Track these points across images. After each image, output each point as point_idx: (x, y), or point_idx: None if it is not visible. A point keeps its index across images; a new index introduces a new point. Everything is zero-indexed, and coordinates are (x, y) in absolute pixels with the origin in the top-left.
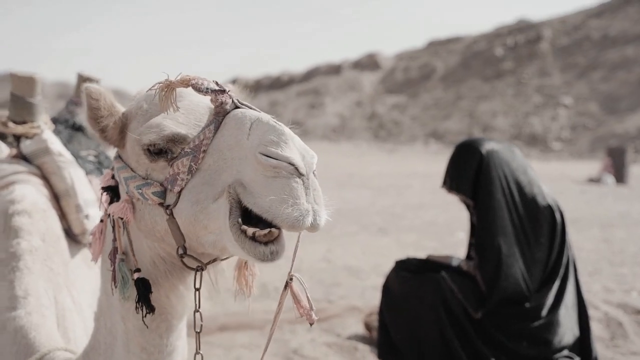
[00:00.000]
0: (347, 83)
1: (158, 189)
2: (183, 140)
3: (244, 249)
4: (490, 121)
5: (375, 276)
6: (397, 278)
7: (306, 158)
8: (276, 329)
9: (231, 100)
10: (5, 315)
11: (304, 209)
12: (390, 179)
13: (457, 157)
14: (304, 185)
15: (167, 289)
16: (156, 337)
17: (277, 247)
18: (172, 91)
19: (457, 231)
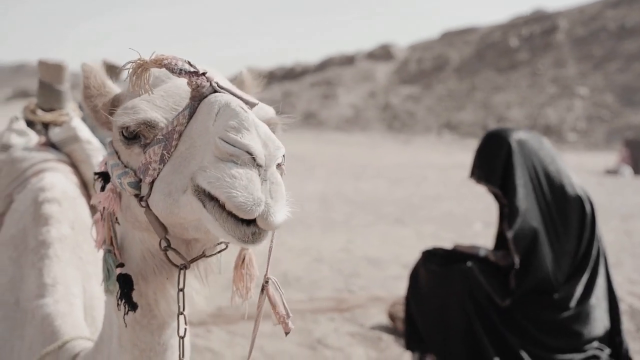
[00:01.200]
0: (361, 74)
1: (133, 179)
2: (156, 126)
3: (225, 229)
4: (504, 112)
5: (396, 266)
6: (424, 268)
7: (269, 148)
8: (297, 318)
9: (209, 84)
10: (33, 303)
11: (255, 197)
12: (405, 169)
13: (485, 148)
14: (260, 176)
15: (155, 286)
16: (147, 334)
17: (259, 228)
18: (145, 72)
19: (474, 222)
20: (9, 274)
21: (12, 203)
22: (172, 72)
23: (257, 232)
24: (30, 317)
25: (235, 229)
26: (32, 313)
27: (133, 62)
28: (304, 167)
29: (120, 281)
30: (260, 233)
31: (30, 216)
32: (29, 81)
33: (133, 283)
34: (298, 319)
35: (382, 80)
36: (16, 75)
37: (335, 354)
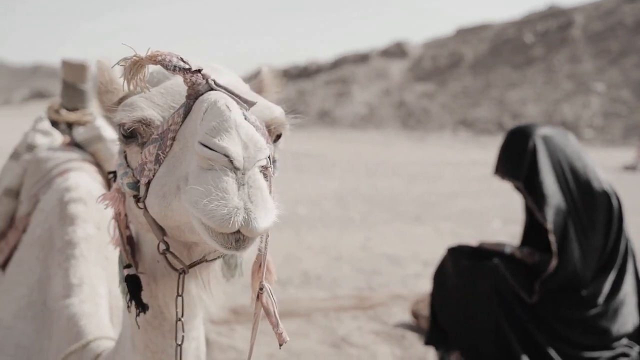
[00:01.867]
0: (375, 72)
1: (131, 179)
2: (152, 124)
3: (209, 235)
4: (520, 109)
5: (415, 264)
6: (449, 265)
7: (249, 150)
8: (320, 316)
9: (205, 81)
10: (60, 303)
11: (232, 206)
12: (420, 167)
13: (510, 144)
14: (238, 180)
15: (164, 288)
16: (159, 336)
17: (244, 235)
18: (141, 69)
19: (493, 219)
20: (37, 274)
21: (38, 203)
22: (166, 69)
23: (242, 239)
24: (56, 317)
25: (218, 235)
26: (59, 313)
27: (128, 59)
28: (319, 166)
29: (128, 282)
30: (245, 240)
31: (56, 216)
32: (45, 82)
33: (141, 284)
34: (321, 317)
35: (397, 78)
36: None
37: (360, 352)
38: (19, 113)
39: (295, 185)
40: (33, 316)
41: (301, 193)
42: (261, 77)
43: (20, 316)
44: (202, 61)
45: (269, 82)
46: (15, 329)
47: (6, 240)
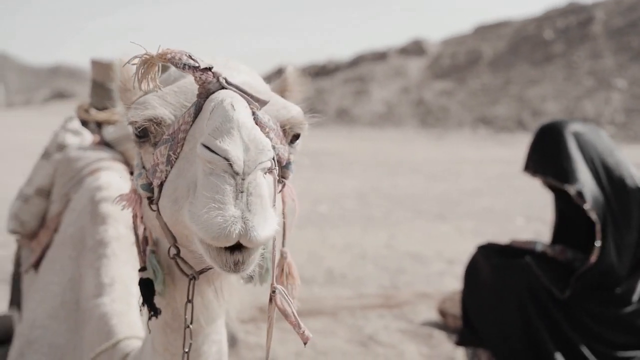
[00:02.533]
0: (393, 70)
1: (145, 180)
2: (163, 123)
3: (209, 254)
4: (540, 106)
5: (439, 262)
6: (480, 263)
7: (250, 152)
8: (347, 315)
9: (216, 80)
10: (91, 302)
11: (228, 216)
12: (441, 165)
13: (541, 140)
14: (236, 186)
15: (182, 291)
16: (178, 339)
17: (244, 256)
18: (152, 67)
19: (516, 217)
20: (69, 273)
21: (69, 202)
22: (176, 67)
23: (241, 261)
24: (88, 316)
25: (216, 255)
26: (90, 312)
27: (139, 57)
28: (339, 164)
29: (141, 286)
30: (245, 262)
31: (88, 215)
32: (65, 82)
33: (154, 288)
34: (347, 315)
35: (415, 76)
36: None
37: (387, 350)
38: (40, 113)
39: (315, 183)
40: (66, 315)
41: (322, 191)
42: (285, 76)
43: (54, 316)
44: (220, 58)
45: (292, 81)
46: (49, 329)
47: (38, 240)
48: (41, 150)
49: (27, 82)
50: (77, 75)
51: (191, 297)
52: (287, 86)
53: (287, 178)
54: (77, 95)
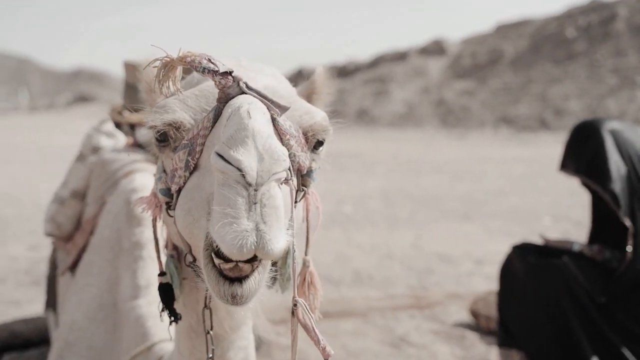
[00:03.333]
0: (414, 70)
1: (164, 185)
2: (183, 127)
3: (209, 282)
4: (562, 105)
5: (467, 263)
6: (516, 264)
7: (264, 163)
8: (377, 316)
9: (236, 84)
10: (128, 305)
11: (241, 229)
12: (463, 164)
13: (577, 138)
14: (249, 197)
15: (203, 296)
16: (203, 343)
17: (242, 290)
18: (173, 70)
19: (543, 217)
20: (106, 275)
21: (105, 205)
22: (196, 70)
23: (239, 295)
24: (125, 318)
25: (215, 285)
26: (127, 314)
27: (160, 60)
28: (361, 164)
29: (160, 291)
30: (243, 295)
31: (124, 217)
32: (87, 86)
33: (173, 293)
34: (378, 316)
35: (436, 76)
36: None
37: (420, 352)
38: (63, 117)
39: (338, 184)
40: (104, 318)
41: (345, 192)
42: (313, 78)
43: (92, 318)
44: (245, 61)
45: (320, 84)
46: (88, 331)
47: (74, 242)
48: (75, 153)
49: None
50: (98, 78)
51: (208, 303)
52: (315, 88)
53: (308, 187)
54: (99, 99)
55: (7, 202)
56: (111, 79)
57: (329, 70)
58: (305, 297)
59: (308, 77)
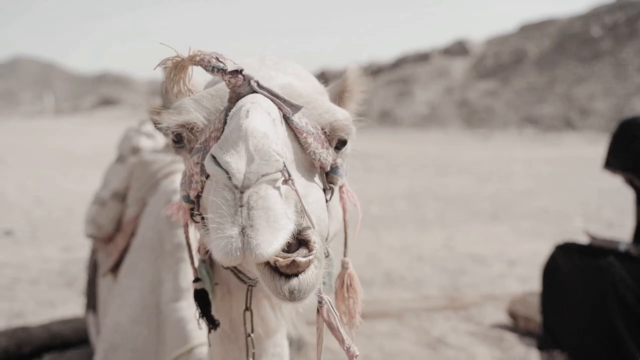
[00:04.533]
0: (437, 70)
1: (185, 192)
2: (195, 128)
3: (264, 281)
4: (588, 104)
5: (500, 264)
6: (559, 263)
7: (254, 164)
8: (412, 317)
9: (247, 83)
10: (170, 307)
11: (226, 235)
12: (489, 165)
13: (624, 136)
14: (234, 201)
15: (238, 301)
16: (235, 349)
17: (299, 283)
18: (184, 70)
19: (574, 217)
20: (149, 277)
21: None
22: (206, 70)
23: (297, 289)
24: (168, 321)
25: (270, 282)
26: (169, 316)
27: (170, 59)
28: (385, 165)
29: (196, 297)
30: (301, 290)
31: (165, 219)
32: (111, 89)
33: (209, 298)
34: (413, 317)
35: (459, 76)
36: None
37: (458, 353)
38: (89, 120)
39: (364, 184)
40: (147, 320)
41: (372, 192)
42: (345, 76)
43: (136, 320)
44: (271, 58)
45: (352, 82)
46: (132, 333)
47: (115, 244)
48: (113, 155)
49: (74, 90)
50: (122, 82)
51: (249, 304)
52: (347, 86)
53: (336, 184)
54: (123, 102)
55: (37, 205)
56: (134, 82)
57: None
58: (345, 300)
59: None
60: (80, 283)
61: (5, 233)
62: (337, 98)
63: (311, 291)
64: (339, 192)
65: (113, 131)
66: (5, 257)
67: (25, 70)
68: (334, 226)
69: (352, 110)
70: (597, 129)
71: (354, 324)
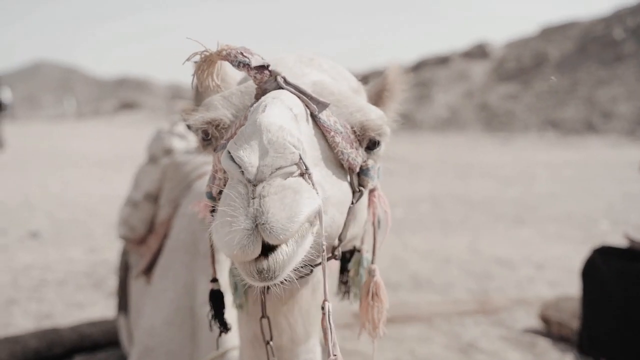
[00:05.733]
0: (457, 74)
1: (209, 188)
2: (220, 125)
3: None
4: (610, 107)
5: (527, 267)
6: (599, 268)
7: (267, 157)
8: (442, 321)
9: (274, 79)
10: (204, 309)
11: (240, 229)
12: (511, 168)
13: None
14: (247, 194)
15: (270, 306)
16: (264, 354)
17: (268, 263)
18: (212, 65)
19: (600, 221)
20: (183, 279)
21: (179, 207)
22: (232, 64)
23: (266, 269)
24: (202, 324)
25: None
26: (203, 319)
27: (198, 54)
28: (407, 168)
29: (211, 298)
30: (270, 269)
31: (199, 220)
32: (132, 94)
33: (223, 301)
34: (442, 321)
35: (479, 80)
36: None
37: (490, 358)
38: (109, 123)
39: (387, 187)
40: (182, 322)
41: (394, 195)
42: (385, 75)
43: (170, 322)
44: (307, 55)
45: (392, 80)
46: (166, 336)
47: (147, 245)
48: (145, 155)
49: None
50: (142, 86)
51: (264, 312)
52: (386, 85)
53: (366, 186)
54: (143, 105)
55: (62, 206)
56: (154, 86)
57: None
58: (369, 309)
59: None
60: (107, 285)
61: (31, 235)
62: (376, 97)
63: (282, 270)
64: (368, 196)
65: (133, 134)
66: (31, 259)
67: (47, 74)
68: (354, 229)
69: (391, 110)
70: (619, 132)
71: (378, 334)
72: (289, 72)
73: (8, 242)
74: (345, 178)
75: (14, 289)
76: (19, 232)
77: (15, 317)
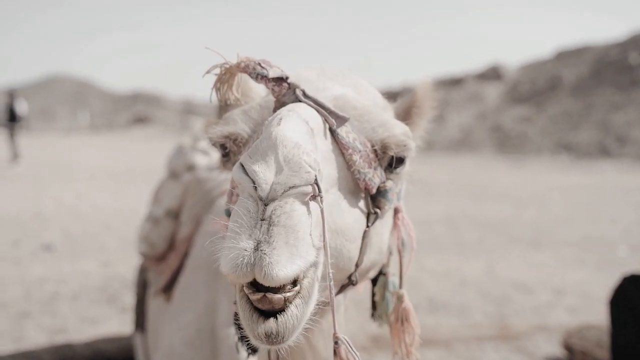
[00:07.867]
0: (470, 95)
1: (227, 206)
2: (238, 139)
3: (243, 318)
4: (625, 132)
5: (545, 292)
6: (631, 296)
7: (282, 174)
8: (461, 346)
9: (292, 91)
10: (225, 331)
11: (240, 247)
12: (524, 190)
13: None
14: (257, 213)
15: None
16: None
17: (277, 326)
18: (232, 77)
19: (617, 246)
20: (203, 299)
21: (200, 225)
22: (250, 76)
23: (272, 333)
24: (222, 346)
25: (246, 321)
26: (224, 341)
27: (218, 66)
28: (420, 189)
29: (235, 320)
30: (279, 333)
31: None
32: (145, 108)
33: None
34: (461, 346)
35: (492, 101)
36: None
37: None
38: (123, 137)
39: None
40: (201, 344)
41: (409, 216)
42: (414, 91)
43: (189, 343)
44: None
45: (422, 96)
46: (185, 357)
47: (167, 263)
48: (165, 171)
49: (109, 108)
50: (155, 101)
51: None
52: (416, 101)
53: (382, 208)
54: (156, 120)
55: (75, 219)
56: (167, 101)
57: (432, 83)
58: (401, 336)
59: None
60: (120, 300)
61: (44, 247)
62: (404, 114)
63: (292, 334)
64: (393, 219)
65: (147, 149)
66: (45, 272)
67: (62, 88)
68: (372, 255)
69: (420, 127)
70: (634, 157)
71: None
72: (310, 85)
73: (21, 254)
74: (360, 199)
75: (26, 302)
76: (32, 245)
77: (28, 330)
